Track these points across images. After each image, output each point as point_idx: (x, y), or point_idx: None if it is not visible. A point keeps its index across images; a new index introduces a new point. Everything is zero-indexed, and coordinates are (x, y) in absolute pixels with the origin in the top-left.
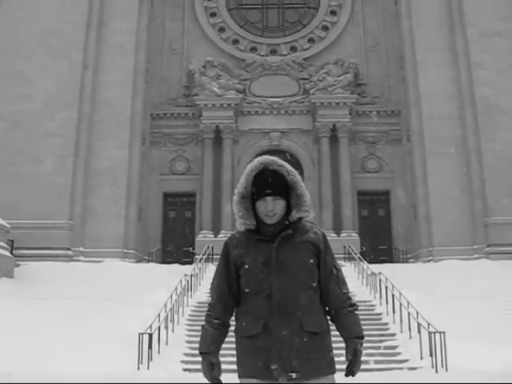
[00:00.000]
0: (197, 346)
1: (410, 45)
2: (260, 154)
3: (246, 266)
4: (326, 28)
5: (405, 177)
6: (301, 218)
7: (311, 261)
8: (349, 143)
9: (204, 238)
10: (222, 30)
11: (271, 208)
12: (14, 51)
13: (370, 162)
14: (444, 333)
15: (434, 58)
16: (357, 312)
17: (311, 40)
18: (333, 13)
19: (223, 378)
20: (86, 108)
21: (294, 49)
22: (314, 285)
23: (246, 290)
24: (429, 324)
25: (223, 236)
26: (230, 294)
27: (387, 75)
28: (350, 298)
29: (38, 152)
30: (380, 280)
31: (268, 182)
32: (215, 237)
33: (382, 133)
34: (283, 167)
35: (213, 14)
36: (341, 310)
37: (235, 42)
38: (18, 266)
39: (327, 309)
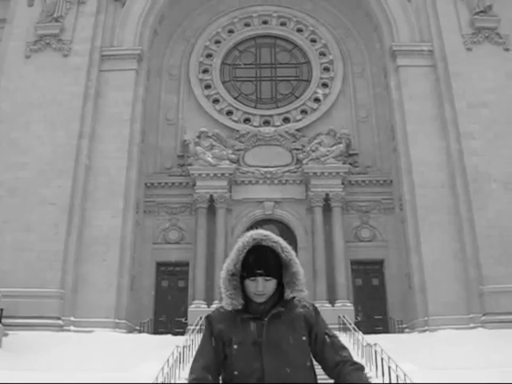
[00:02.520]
0: None
1: (401, 116)
2: (254, 224)
3: (235, 347)
4: (317, 100)
5: (398, 245)
6: (294, 297)
7: (304, 338)
8: (342, 212)
9: (197, 308)
10: (216, 101)
11: (261, 289)
12: (12, 120)
13: (363, 231)
14: None
15: (424, 128)
16: (362, 371)
17: (304, 111)
18: (324, 85)
19: None
20: (81, 176)
21: (286, 120)
22: (309, 364)
23: (235, 373)
24: None
25: (216, 307)
26: (213, 371)
27: (378, 145)
28: (351, 360)
29: (32, 219)
30: (376, 351)
31: (260, 261)
32: (208, 307)
33: (374, 202)
34: (277, 244)
35: (207, 86)
36: (342, 371)
37: (229, 113)
38: (6, 335)
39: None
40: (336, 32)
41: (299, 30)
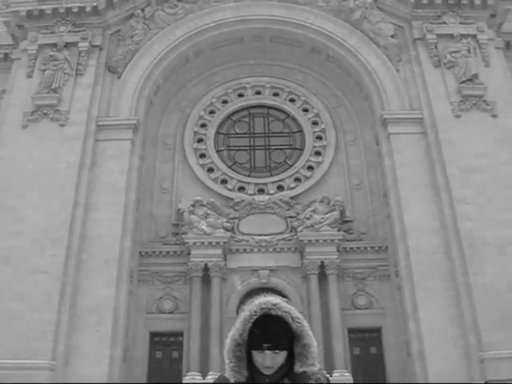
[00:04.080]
0: None
1: (393, 182)
2: (249, 292)
3: None
4: (311, 168)
5: (396, 313)
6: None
7: None
8: (337, 280)
9: (192, 379)
10: (211, 170)
11: (269, 363)
12: (8, 188)
13: (359, 298)
14: None
15: (417, 194)
16: None
17: (297, 179)
18: (317, 153)
19: None
20: (75, 245)
21: (280, 188)
22: None
23: None
24: None
25: (211, 378)
26: None
27: (372, 212)
28: None
29: (24, 288)
30: None
31: (268, 334)
32: (203, 378)
33: (370, 269)
34: (288, 314)
35: (202, 156)
36: None
37: (224, 181)
38: None
39: None
40: (328, 101)
41: (292, 100)
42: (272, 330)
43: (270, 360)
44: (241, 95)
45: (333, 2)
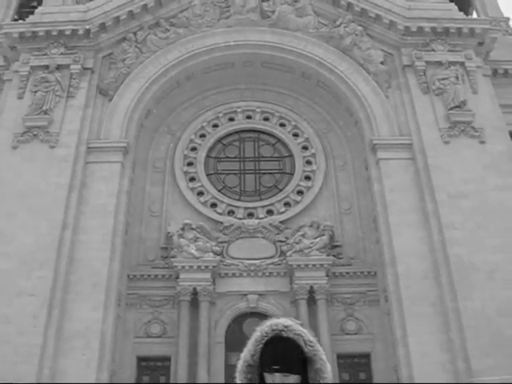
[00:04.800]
0: None
1: (383, 207)
2: (237, 317)
3: None
4: (301, 192)
5: (385, 338)
6: None
7: None
8: (327, 305)
9: None
10: (200, 193)
11: None
12: None
13: (348, 323)
14: None
15: (406, 219)
16: None
17: (287, 204)
18: (307, 178)
19: None
20: (63, 267)
21: (270, 212)
22: None
23: None
24: None
25: None
26: None
27: (362, 237)
28: None
29: (11, 311)
30: None
31: (277, 356)
32: None
33: (359, 294)
34: (300, 336)
35: (192, 179)
36: None
37: (213, 205)
38: None
39: None
40: (318, 126)
41: (282, 125)
42: (281, 354)
43: (279, 382)
44: (231, 119)
45: (323, 28)
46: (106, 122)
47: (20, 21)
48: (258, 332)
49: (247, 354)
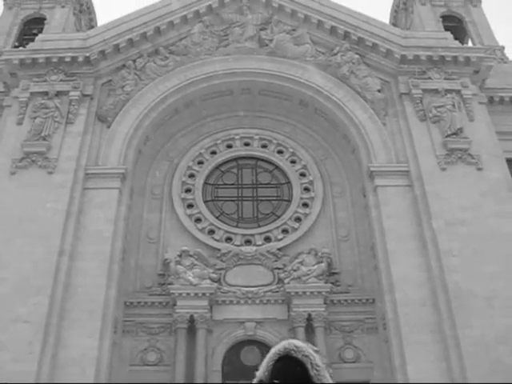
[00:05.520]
0: None
1: (380, 234)
2: (235, 345)
3: None
4: (298, 219)
5: (383, 366)
6: None
7: None
8: (325, 333)
9: None
10: (198, 220)
11: None
12: None
13: (347, 351)
14: None
15: (404, 246)
16: None
17: (285, 231)
18: (305, 205)
19: None
20: (59, 294)
21: (268, 239)
22: None
23: None
24: None
25: None
26: None
27: (360, 264)
28: None
29: (5, 338)
30: None
31: (279, 373)
32: None
33: (357, 321)
34: (308, 359)
35: (190, 206)
36: None
37: (211, 232)
38: None
39: None
40: (315, 153)
41: (280, 152)
42: (282, 371)
43: None
44: (229, 146)
45: (321, 56)
46: (105, 148)
47: (21, 48)
48: (273, 350)
49: (261, 371)
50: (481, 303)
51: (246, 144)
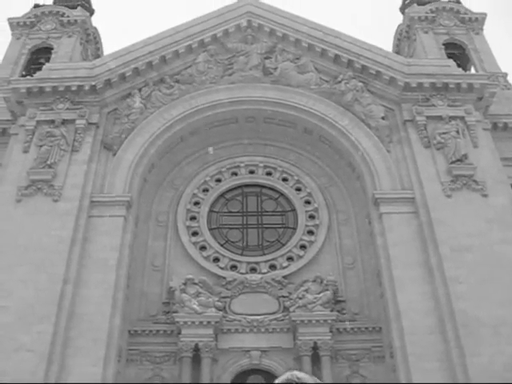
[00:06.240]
0: None
1: (386, 262)
2: (240, 374)
3: None
4: (304, 247)
5: None
6: None
7: None
8: (331, 361)
9: None
10: (203, 248)
11: None
12: None
13: (354, 380)
14: None
15: (410, 273)
16: None
17: (290, 258)
18: (310, 232)
19: None
20: (63, 322)
21: (273, 267)
22: None
23: None
24: None
25: None
26: None
27: (366, 292)
28: None
29: (8, 366)
30: None
31: None
32: None
33: (364, 350)
34: None
35: (195, 233)
36: None
37: (216, 259)
38: None
39: None
40: (320, 181)
41: (284, 179)
42: None
43: None
44: (234, 174)
45: (325, 84)
46: (110, 176)
47: (28, 77)
48: (276, 381)
49: None
50: (488, 331)
51: (251, 172)
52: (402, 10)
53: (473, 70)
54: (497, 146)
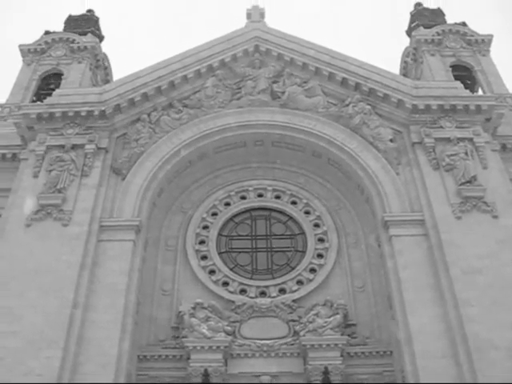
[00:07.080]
0: None
1: (397, 285)
2: None
3: None
4: (313, 270)
5: None
6: None
7: None
8: None
9: None
10: (212, 272)
11: None
12: (6, 287)
13: None
14: None
15: (421, 296)
16: None
17: (300, 282)
18: (320, 255)
19: None
20: (72, 347)
21: (283, 291)
22: None
23: None
24: None
25: None
26: None
27: (376, 315)
28: None
29: None
30: None
31: None
32: None
33: (376, 374)
34: None
35: (204, 257)
36: None
37: (225, 284)
38: None
39: None
40: (329, 204)
41: (293, 203)
42: None
43: None
44: (243, 198)
45: (332, 108)
46: (119, 200)
47: (38, 102)
48: None
49: None
50: (502, 354)
51: (260, 195)
52: (409, 32)
53: (480, 92)
54: (506, 167)
